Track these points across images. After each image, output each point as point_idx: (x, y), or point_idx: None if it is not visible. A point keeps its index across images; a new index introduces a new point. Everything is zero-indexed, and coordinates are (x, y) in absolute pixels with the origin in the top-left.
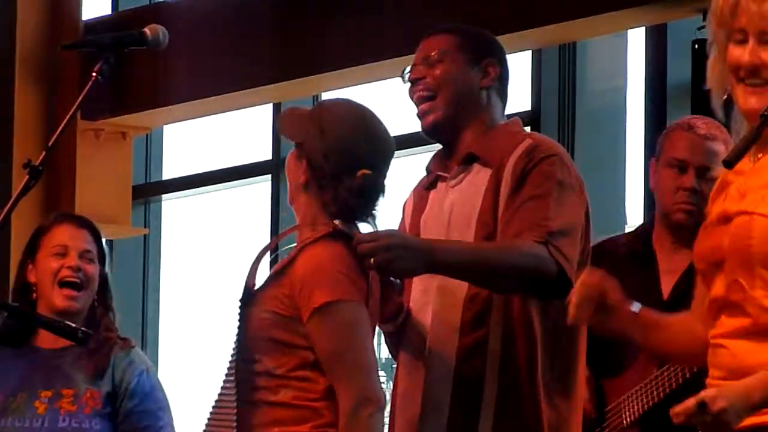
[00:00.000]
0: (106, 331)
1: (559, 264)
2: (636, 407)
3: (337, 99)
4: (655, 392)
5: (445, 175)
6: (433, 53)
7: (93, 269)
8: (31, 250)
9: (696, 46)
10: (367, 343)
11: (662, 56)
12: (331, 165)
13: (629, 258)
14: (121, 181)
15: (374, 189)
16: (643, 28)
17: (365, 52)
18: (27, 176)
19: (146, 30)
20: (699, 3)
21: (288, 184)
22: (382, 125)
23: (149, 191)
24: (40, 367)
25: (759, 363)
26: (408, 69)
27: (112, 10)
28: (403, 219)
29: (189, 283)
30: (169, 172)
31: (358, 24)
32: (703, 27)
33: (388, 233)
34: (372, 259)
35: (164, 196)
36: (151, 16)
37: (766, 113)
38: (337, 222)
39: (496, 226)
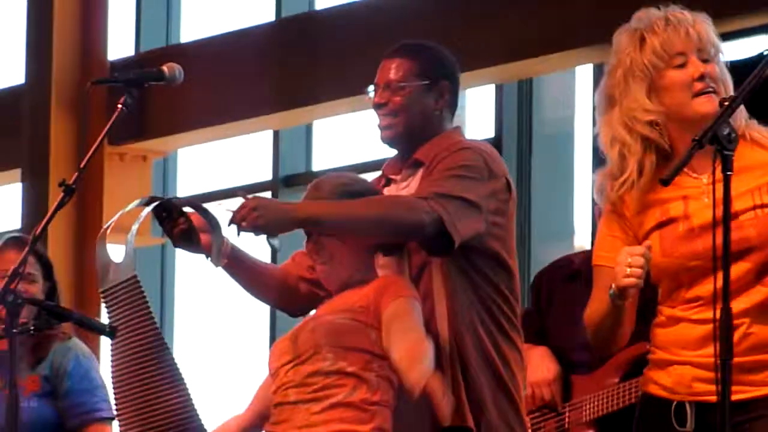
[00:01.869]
0: (49, 330)
1: (437, 215)
2: (597, 409)
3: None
4: (616, 401)
5: (396, 177)
6: (394, 79)
7: (34, 288)
8: None
9: None
10: None
11: None
12: None
13: (577, 278)
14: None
15: None
16: (591, 65)
17: (351, 86)
18: (62, 193)
19: (164, 68)
20: None
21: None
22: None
23: None
24: None
25: None
26: (372, 89)
27: (135, 52)
28: None
29: (200, 282)
30: (183, 190)
31: (345, 63)
32: None
33: (254, 197)
34: (244, 223)
35: None
36: (169, 56)
37: (696, 139)
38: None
39: None
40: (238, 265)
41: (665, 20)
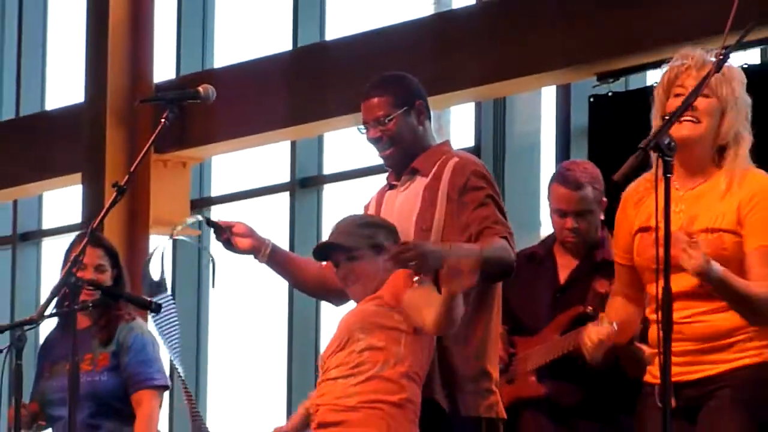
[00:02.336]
0: (116, 312)
1: (515, 254)
2: (538, 360)
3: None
4: (554, 352)
5: (397, 183)
6: (380, 115)
7: (104, 277)
8: (64, 262)
9: (591, 100)
10: None
11: (567, 107)
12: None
13: (534, 258)
14: (181, 197)
15: None
16: (554, 87)
17: (355, 104)
18: (115, 193)
19: (200, 88)
20: (594, 69)
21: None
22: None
23: (202, 204)
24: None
25: (733, 327)
26: (363, 128)
27: (176, 75)
28: (365, 210)
29: (231, 267)
30: (216, 190)
31: (349, 85)
32: (597, 85)
33: (416, 244)
34: (412, 264)
35: (213, 208)
36: (204, 78)
37: (642, 146)
38: None
39: (432, 222)
40: (279, 263)
41: (681, 59)
